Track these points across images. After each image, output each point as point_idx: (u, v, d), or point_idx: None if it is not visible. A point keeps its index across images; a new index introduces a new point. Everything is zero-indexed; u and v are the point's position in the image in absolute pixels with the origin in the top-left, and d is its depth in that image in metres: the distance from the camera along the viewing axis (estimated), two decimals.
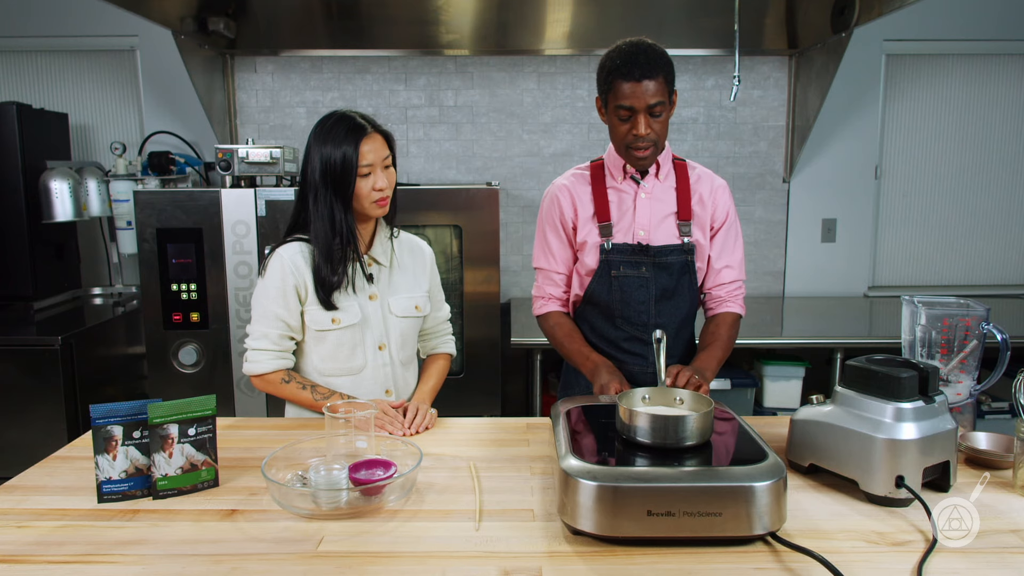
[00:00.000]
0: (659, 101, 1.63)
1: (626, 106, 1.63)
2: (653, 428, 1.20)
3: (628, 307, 1.79)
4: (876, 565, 1.05)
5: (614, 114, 1.68)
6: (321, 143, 1.62)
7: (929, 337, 1.52)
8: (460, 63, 3.58)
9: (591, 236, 1.80)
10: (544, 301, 1.92)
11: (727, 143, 3.68)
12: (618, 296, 1.79)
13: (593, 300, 1.83)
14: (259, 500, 1.28)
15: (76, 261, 3.53)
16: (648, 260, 1.77)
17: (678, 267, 1.78)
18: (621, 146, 1.72)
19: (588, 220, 1.81)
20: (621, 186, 1.81)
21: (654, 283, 1.78)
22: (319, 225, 1.63)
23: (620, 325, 1.81)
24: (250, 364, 1.69)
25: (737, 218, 1.87)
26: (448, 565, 1.06)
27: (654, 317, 1.80)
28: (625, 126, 1.67)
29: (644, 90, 1.61)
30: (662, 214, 1.79)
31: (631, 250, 1.78)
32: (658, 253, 1.77)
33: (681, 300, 1.81)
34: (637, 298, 1.79)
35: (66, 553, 1.10)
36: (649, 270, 1.78)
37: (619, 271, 1.78)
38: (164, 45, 3.29)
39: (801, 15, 3.28)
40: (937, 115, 3.71)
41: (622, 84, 1.62)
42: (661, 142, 1.72)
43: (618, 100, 1.64)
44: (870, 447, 1.23)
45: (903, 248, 3.82)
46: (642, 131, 1.65)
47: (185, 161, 3.45)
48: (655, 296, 1.79)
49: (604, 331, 1.84)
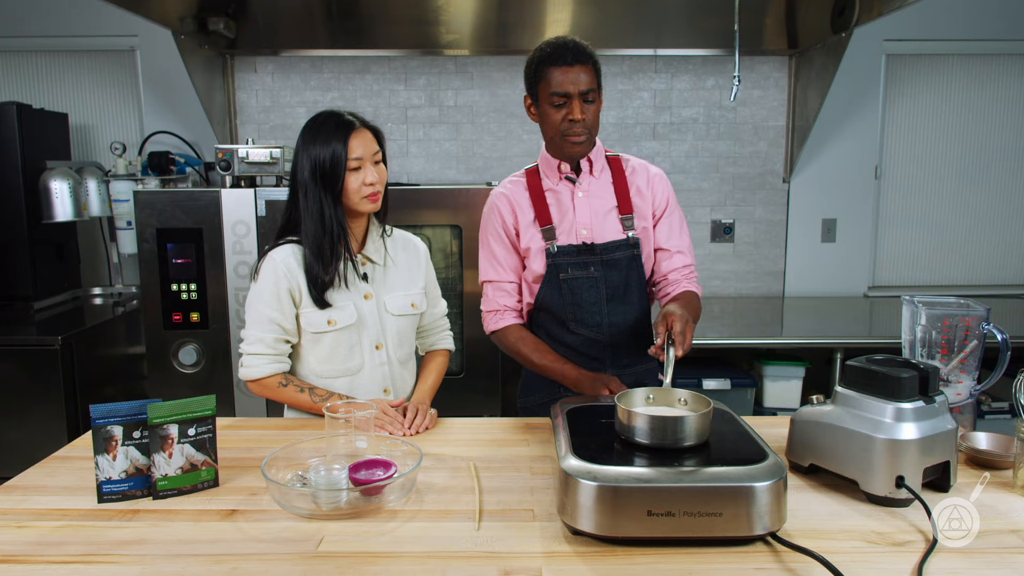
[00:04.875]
0: (591, 88, 1.65)
1: (560, 92, 1.64)
2: (652, 428, 1.20)
3: (580, 309, 1.78)
4: (876, 565, 1.05)
5: (547, 103, 1.67)
6: (310, 142, 1.62)
7: (929, 337, 1.52)
8: (460, 63, 3.58)
9: (535, 241, 1.78)
10: (499, 315, 1.83)
11: (727, 143, 3.67)
12: (569, 299, 1.77)
13: (544, 306, 1.80)
14: (259, 500, 1.28)
15: (76, 261, 3.53)
16: (595, 259, 1.76)
17: (625, 262, 1.77)
18: (556, 135, 1.70)
19: (530, 225, 1.78)
20: (558, 188, 1.79)
21: (603, 282, 1.77)
22: (309, 223, 1.63)
23: (574, 328, 1.79)
24: (246, 369, 1.68)
25: (678, 206, 1.86)
26: (448, 565, 1.06)
27: (607, 317, 1.78)
28: (560, 113, 1.67)
29: (576, 75, 1.63)
30: (603, 210, 1.78)
31: (577, 251, 1.76)
32: (604, 250, 1.76)
33: (632, 297, 1.80)
34: (588, 299, 1.77)
35: (66, 553, 1.10)
36: (597, 269, 1.76)
37: (567, 273, 1.76)
38: (164, 45, 3.29)
39: (801, 15, 3.28)
40: (937, 115, 3.71)
41: (554, 71, 1.64)
42: (594, 132, 1.72)
43: (551, 88, 1.65)
44: (870, 447, 1.22)
45: (903, 248, 3.82)
46: (577, 115, 1.65)
47: (185, 161, 3.45)
48: (605, 296, 1.77)
49: (560, 336, 1.81)
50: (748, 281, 3.78)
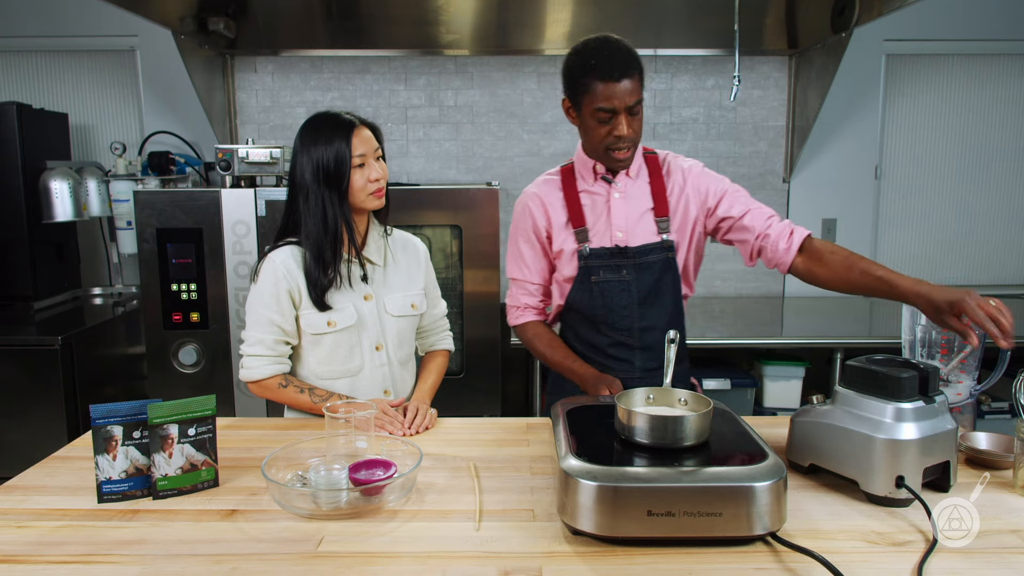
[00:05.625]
0: (638, 100, 1.59)
1: (606, 108, 1.58)
2: (652, 428, 1.20)
3: (611, 312, 1.74)
4: (876, 565, 1.05)
5: (591, 117, 1.61)
6: (311, 143, 1.62)
7: (929, 337, 1.52)
8: (460, 63, 3.58)
9: (567, 243, 1.75)
10: (520, 311, 1.87)
11: (727, 143, 3.67)
12: (600, 302, 1.74)
13: (574, 307, 1.78)
14: (259, 500, 1.28)
15: (76, 261, 3.52)
16: (628, 262, 1.72)
17: (659, 266, 1.73)
18: (599, 148, 1.66)
19: (562, 227, 1.76)
20: (593, 188, 1.75)
21: (636, 286, 1.73)
22: (311, 224, 1.62)
23: (604, 331, 1.77)
24: (246, 370, 1.68)
25: (735, 184, 1.79)
26: (448, 565, 1.06)
27: (638, 321, 1.75)
28: (604, 128, 1.61)
29: (623, 90, 1.56)
30: (638, 212, 1.74)
31: (609, 253, 1.72)
32: (637, 254, 1.72)
33: (665, 301, 1.75)
34: (619, 302, 1.73)
35: (66, 553, 1.10)
36: (630, 272, 1.72)
37: (599, 276, 1.73)
38: (164, 45, 3.29)
39: (801, 15, 3.28)
40: (937, 115, 3.71)
41: (599, 85, 1.56)
42: (639, 141, 1.68)
43: (596, 102, 1.58)
44: (870, 447, 1.22)
45: (903, 248, 3.82)
46: (624, 132, 1.60)
47: (185, 161, 3.45)
48: (637, 299, 1.74)
49: (589, 338, 1.79)
50: (748, 281, 3.78)
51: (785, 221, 1.70)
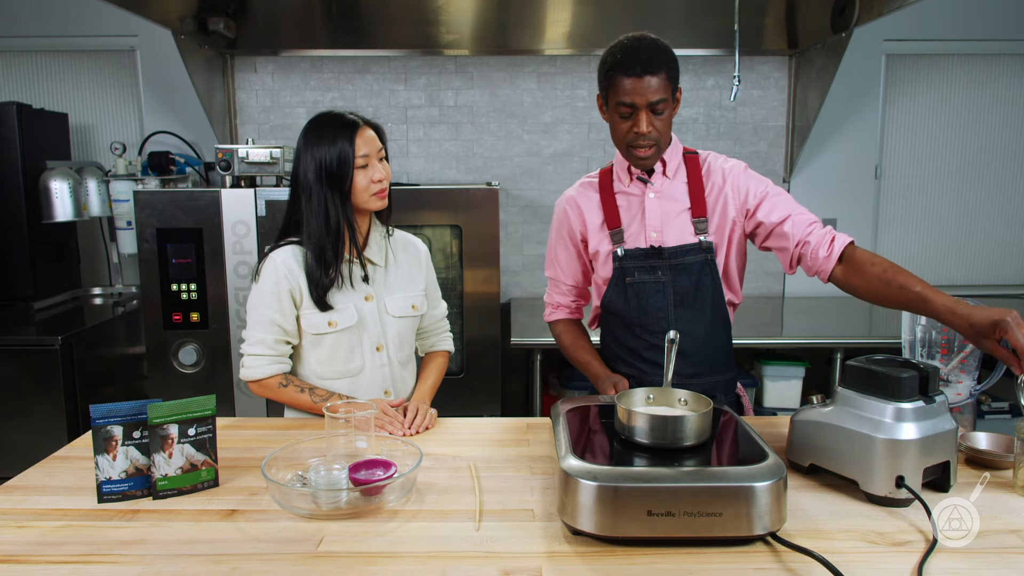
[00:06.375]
0: (661, 98, 1.56)
1: (627, 103, 1.56)
2: (652, 428, 1.20)
3: (645, 315, 1.71)
4: (876, 565, 1.05)
5: (615, 111, 1.61)
6: (314, 143, 1.61)
7: (929, 337, 1.52)
8: (460, 63, 3.58)
9: (603, 245, 1.74)
10: (552, 309, 1.93)
11: (727, 143, 3.67)
12: (635, 304, 1.71)
13: (611, 309, 1.76)
14: (259, 500, 1.28)
15: (76, 261, 3.53)
16: (663, 263, 1.68)
17: (697, 267, 1.67)
18: (622, 144, 1.65)
19: (598, 230, 1.74)
20: (629, 189, 1.73)
21: (671, 287, 1.68)
22: (313, 224, 1.62)
23: (639, 334, 1.73)
24: (247, 370, 1.68)
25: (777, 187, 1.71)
26: (448, 565, 1.06)
27: (674, 324, 1.68)
28: (626, 124, 1.60)
29: (646, 86, 1.54)
30: (674, 212, 1.69)
31: (644, 254, 1.69)
32: (673, 254, 1.67)
33: (703, 304, 1.69)
34: (654, 304, 1.70)
35: (66, 553, 1.10)
36: (665, 274, 1.68)
37: (634, 277, 1.70)
38: (164, 45, 3.29)
39: (801, 15, 3.28)
40: (937, 115, 3.71)
41: (623, 80, 1.55)
42: (664, 141, 1.65)
43: (619, 97, 1.56)
44: (870, 447, 1.22)
45: (903, 248, 3.82)
46: (643, 129, 1.58)
47: (185, 161, 3.45)
48: (673, 302, 1.69)
49: (625, 341, 1.76)
50: (748, 281, 3.76)
51: (827, 228, 1.63)
